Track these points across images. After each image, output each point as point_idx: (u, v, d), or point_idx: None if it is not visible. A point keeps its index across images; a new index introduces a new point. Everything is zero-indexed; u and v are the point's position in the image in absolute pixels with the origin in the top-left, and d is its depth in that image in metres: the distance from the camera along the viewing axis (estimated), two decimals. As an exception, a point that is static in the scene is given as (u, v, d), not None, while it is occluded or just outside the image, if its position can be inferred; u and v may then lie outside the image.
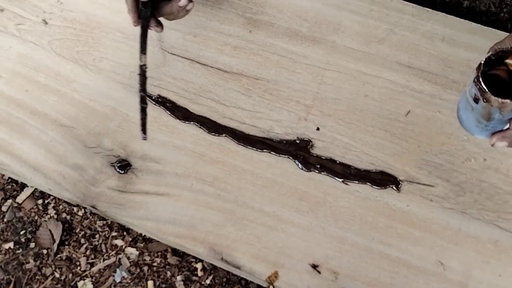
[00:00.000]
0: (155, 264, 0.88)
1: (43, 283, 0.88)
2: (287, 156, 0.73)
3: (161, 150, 0.75)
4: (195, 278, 0.87)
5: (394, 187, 0.71)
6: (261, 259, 0.69)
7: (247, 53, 0.79)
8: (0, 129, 0.78)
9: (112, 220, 0.86)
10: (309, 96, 0.76)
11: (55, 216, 0.92)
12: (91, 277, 0.88)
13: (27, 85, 0.80)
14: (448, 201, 0.70)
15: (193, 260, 0.87)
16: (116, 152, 0.76)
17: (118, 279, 0.87)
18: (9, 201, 0.93)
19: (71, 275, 0.88)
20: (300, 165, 0.73)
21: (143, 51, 0.70)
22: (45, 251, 0.90)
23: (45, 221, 0.91)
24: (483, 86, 0.47)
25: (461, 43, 0.76)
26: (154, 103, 0.78)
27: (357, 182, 0.71)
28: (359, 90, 0.76)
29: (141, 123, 0.73)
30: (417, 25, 0.78)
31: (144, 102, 0.72)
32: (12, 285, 0.88)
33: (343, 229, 0.70)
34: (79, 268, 0.89)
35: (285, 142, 0.74)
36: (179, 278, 0.87)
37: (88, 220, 0.91)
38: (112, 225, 0.90)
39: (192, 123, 0.76)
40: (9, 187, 0.94)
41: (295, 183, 0.72)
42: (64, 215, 0.92)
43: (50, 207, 0.92)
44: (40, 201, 0.93)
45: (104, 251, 0.89)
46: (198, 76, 0.79)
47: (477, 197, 0.70)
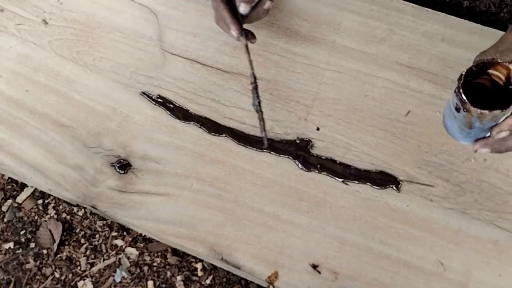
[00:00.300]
0: (155, 264, 0.88)
1: (43, 283, 0.88)
2: (287, 156, 0.73)
3: (161, 150, 0.75)
4: (195, 278, 0.87)
5: (394, 187, 0.71)
6: (261, 259, 0.69)
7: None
8: (0, 129, 0.78)
9: (112, 220, 0.86)
10: (309, 96, 0.76)
11: (55, 216, 0.92)
12: (91, 277, 0.88)
13: (27, 85, 0.80)
14: (448, 201, 0.70)
15: (193, 260, 0.87)
16: (116, 152, 0.76)
17: (118, 279, 0.87)
18: (9, 201, 0.93)
19: (71, 275, 0.88)
20: (300, 165, 0.73)
21: (251, 64, 0.69)
22: (45, 251, 0.90)
23: (45, 221, 0.91)
24: (463, 97, 0.48)
25: (461, 43, 0.76)
26: (154, 103, 0.78)
27: (357, 182, 0.71)
28: (359, 90, 0.76)
29: (261, 130, 0.70)
30: (417, 25, 0.78)
31: (260, 111, 0.70)
32: (12, 285, 0.88)
33: (343, 229, 0.70)
34: (79, 268, 0.89)
35: (285, 142, 0.74)
36: (179, 278, 0.87)
37: (88, 220, 0.91)
38: (112, 225, 0.90)
39: (192, 123, 0.76)
40: (9, 187, 0.94)
41: (295, 183, 0.72)
42: (64, 215, 0.92)
43: (50, 207, 0.92)
44: (40, 201, 0.93)
45: (104, 251, 0.89)
46: (198, 76, 0.79)
47: (477, 197, 0.70)
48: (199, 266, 0.87)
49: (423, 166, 0.71)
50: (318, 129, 0.74)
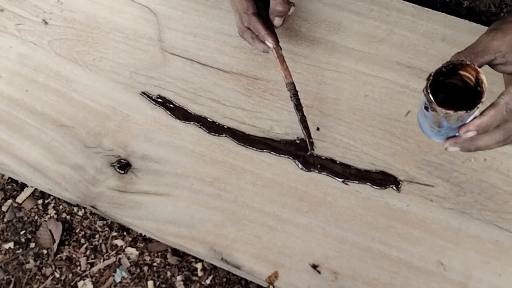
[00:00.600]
0: (155, 264, 0.88)
1: (43, 283, 0.88)
2: (287, 156, 0.73)
3: (161, 150, 0.75)
4: (195, 278, 0.87)
5: (394, 187, 0.71)
6: (261, 259, 0.69)
7: (247, 53, 0.79)
8: (0, 129, 0.78)
9: (112, 220, 0.86)
10: (309, 96, 0.76)
11: (55, 216, 0.92)
12: (91, 277, 0.88)
13: (27, 85, 0.80)
14: (448, 201, 0.70)
15: (193, 260, 0.87)
16: (116, 152, 0.76)
17: (118, 279, 0.87)
18: (9, 201, 0.93)
19: (71, 275, 0.88)
20: (300, 165, 0.73)
21: (289, 73, 0.71)
22: (45, 251, 0.90)
23: (45, 221, 0.91)
24: (430, 96, 0.49)
25: (461, 43, 0.76)
26: (154, 103, 0.78)
27: (357, 182, 0.71)
28: (359, 90, 0.76)
29: (307, 137, 0.72)
30: (417, 25, 0.78)
31: (303, 117, 0.71)
32: (12, 285, 0.88)
33: (343, 229, 0.70)
34: (79, 268, 0.89)
35: (285, 142, 0.74)
36: (179, 278, 0.87)
37: (88, 220, 0.91)
38: (112, 225, 0.90)
39: (192, 123, 0.76)
40: (9, 187, 0.94)
41: (295, 183, 0.72)
42: (64, 215, 0.92)
43: (50, 207, 0.92)
44: (40, 201, 0.93)
45: (104, 251, 0.89)
46: (198, 76, 0.79)
47: (477, 197, 0.70)
48: (199, 266, 0.87)
49: (423, 166, 0.71)
50: (318, 129, 0.74)
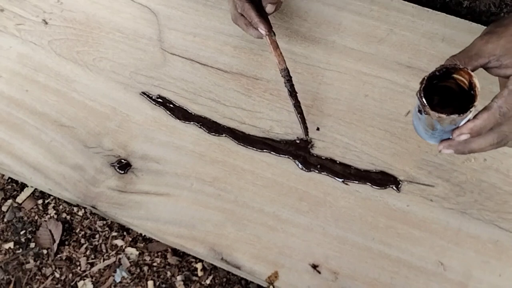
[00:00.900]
0: (155, 264, 0.88)
1: (43, 283, 0.88)
2: (287, 156, 0.73)
3: (161, 150, 0.75)
4: (195, 278, 0.87)
5: (394, 187, 0.71)
6: (261, 259, 0.69)
7: (247, 53, 0.79)
8: (0, 129, 0.78)
9: (112, 220, 0.86)
10: (309, 96, 0.76)
11: (55, 216, 0.92)
12: (91, 277, 0.88)
13: (27, 85, 0.80)
14: (448, 201, 0.70)
15: (193, 260, 0.87)
16: (116, 152, 0.76)
17: (118, 279, 0.87)
18: (9, 201, 0.93)
19: (71, 275, 0.88)
20: (300, 165, 0.73)
21: (283, 59, 0.71)
22: (45, 251, 0.90)
23: (45, 221, 0.91)
24: (423, 100, 0.50)
25: (461, 43, 0.76)
26: (154, 103, 0.78)
27: (357, 182, 0.71)
28: (359, 90, 0.76)
29: (301, 122, 0.72)
30: (417, 25, 0.78)
31: (297, 102, 0.72)
32: (12, 285, 0.88)
33: (343, 229, 0.70)
34: (79, 268, 0.89)
35: (285, 142, 0.74)
36: (179, 278, 0.87)
37: (88, 220, 0.91)
38: (112, 225, 0.90)
39: (192, 123, 0.76)
40: (9, 187, 0.94)
41: (295, 183, 0.72)
42: (64, 215, 0.92)
43: (50, 207, 0.92)
44: (40, 201, 0.93)
45: (104, 251, 0.89)
46: (198, 76, 0.79)
47: (477, 197, 0.70)
48: (199, 266, 0.87)
49: (423, 166, 0.71)
50: (318, 129, 0.74)
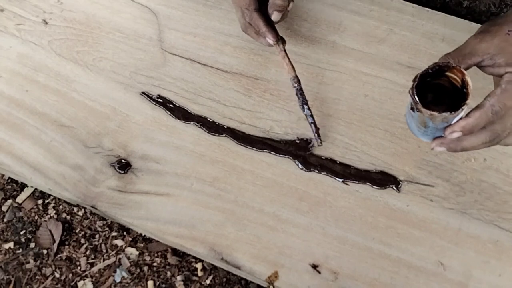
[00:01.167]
0: (155, 264, 0.88)
1: (43, 283, 0.88)
2: (287, 156, 0.73)
3: (161, 150, 0.75)
4: (195, 278, 0.87)
5: (394, 187, 0.71)
6: (261, 259, 0.69)
7: (247, 53, 0.79)
8: (0, 129, 0.78)
9: (112, 220, 0.86)
10: (309, 96, 0.76)
11: (55, 216, 0.92)
12: (91, 277, 0.88)
13: (27, 85, 0.80)
14: (448, 201, 0.70)
15: (193, 260, 0.87)
16: (116, 152, 0.76)
17: (118, 279, 0.87)
18: (9, 201, 0.93)
19: (71, 275, 0.88)
20: (300, 165, 0.73)
21: (293, 67, 0.71)
22: (45, 251, 0.90)
23: (45, 221, 0.91)
24: (416, 98, 0.50)
25: (461, 43, 0.76)
26: (154, 103, 0.78)
27: (357, 182, 0.71)
28: (359, 90, 0.76)
29: (314, 132, 0.72)
30: (417, 25, 0.78)
31: (308, 109, 0.72)
32: (12, 285, 0.88)
33: (343, 229, 0.70)
34: (79, 268, 0.89)
35: (285, 142, 0.74)
36: (179, 278, 0.87)
37: (88, 220, 0.91)
38: (112, 225, 0.90)
39: (192, 123, 0.76)
40: (9, 187, 0.94)
41: (295, 183, 0.72)
42: (64, 215, 0.92)
43: (50, 207, 0.92)
44: (40, 201, 0.93)
45: (104, 251, 0.89)
46: (198, 76, 0.79)
47: (477, 197, 0.70)
48: (199, 266, 0.87)
49: (423, 166, 0.71)
50: (318, 129, 0.74)
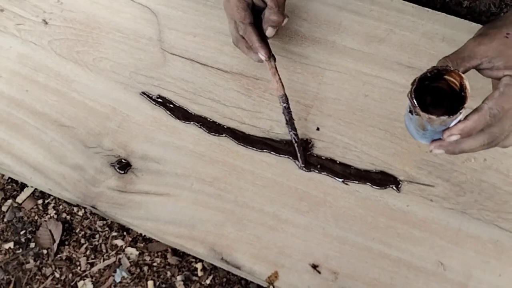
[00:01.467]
0: (155, 264, 0.88)
1: (43, 283, 0.88)
2: (287, 156, 0.73)
3: (161, 150, 0.75)
4: (195, 278, 0.87)
5: (394, 187, 0.71)
6: (261, 259, 0.69)
7: (247, 53, 0.79)
8: (0, 129, 0.78)
9: (112, 220, 0.86)
10: (309, 96, 0.76)
11: (55, 216, 0.92)
12: (91, 277, 0.88)
13: (27, 85, 0.80)
14: (448, 201, 0.70)
15: (193, 260, 0.87)
16: (116, 152, 0.76)
17: (118, 279, 0.87)
18: (9, 201, 0.93)
19: (71, 275, 0.88)
20: (299, 164, 0.73)
21: (282, 84, 0.71)
22: (45, 251, 0.90)
23: (45, 221, 0.91)
24: (414, 101, 0.50)
25: (461, 43, 0.75)
26: (154, 103, 0.78)
27: (357, 182, 0.71)
28: (359, 90, 0.76)
29: (299, 154, 0.72)
30: (417, 25, 0.78)
31: (293, 128, 0.72)
32: (12, 285, 0.88)
33: (343, 229, 0.70)
34: (79, 268, 0.89)
35: (285, 142, 0.74)
36: (179, 278, 0.87)
37: (88, 220, 0.91)
38: (112, 225, 0.90)
39: (192, 123, 0.76)
40: (9, 187, 0.94)
41: (295, 183, 0.72)
42: (64, 215, 0.92)
43: (50, 207, 0.92)
44: (40, 201, 0.93)
45: (104, 251, 0.89)
46: (198, 76, 0.79)
47: (477, 197, 0.70)
48: (199, 266, 0.87)
49: (423, 166, 0.71)
50: (318, 129, 0.74)
